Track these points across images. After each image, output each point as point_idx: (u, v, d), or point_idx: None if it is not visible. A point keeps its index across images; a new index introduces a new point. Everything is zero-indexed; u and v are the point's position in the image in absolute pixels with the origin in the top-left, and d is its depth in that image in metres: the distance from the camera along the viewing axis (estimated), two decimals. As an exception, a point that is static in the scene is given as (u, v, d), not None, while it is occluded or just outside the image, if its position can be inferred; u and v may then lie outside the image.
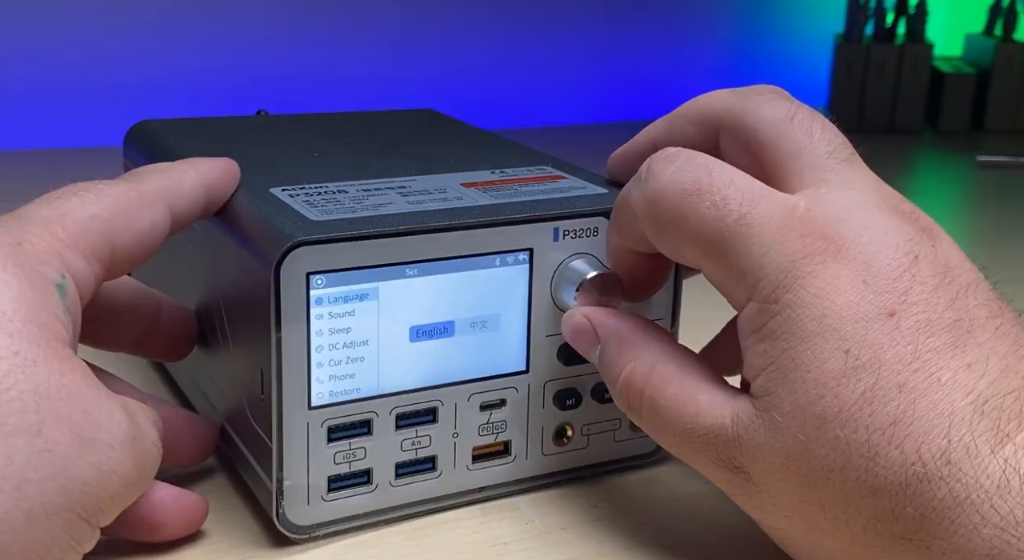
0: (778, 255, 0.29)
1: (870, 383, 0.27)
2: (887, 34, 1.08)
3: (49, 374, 0.26)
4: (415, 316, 0.35)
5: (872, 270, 0.28)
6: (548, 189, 0.38)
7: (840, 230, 0.29)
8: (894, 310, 0.28)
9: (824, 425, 0.28)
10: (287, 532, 0.34)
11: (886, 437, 0.27)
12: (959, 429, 0.27)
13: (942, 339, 0.28)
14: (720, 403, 0.31)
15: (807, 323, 0.28)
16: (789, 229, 0.29)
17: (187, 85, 0.93)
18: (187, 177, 0.35)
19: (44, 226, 0.30)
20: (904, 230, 0.29)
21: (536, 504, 0.38)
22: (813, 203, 0.30)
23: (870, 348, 0.28)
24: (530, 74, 1.07)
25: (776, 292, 0.29)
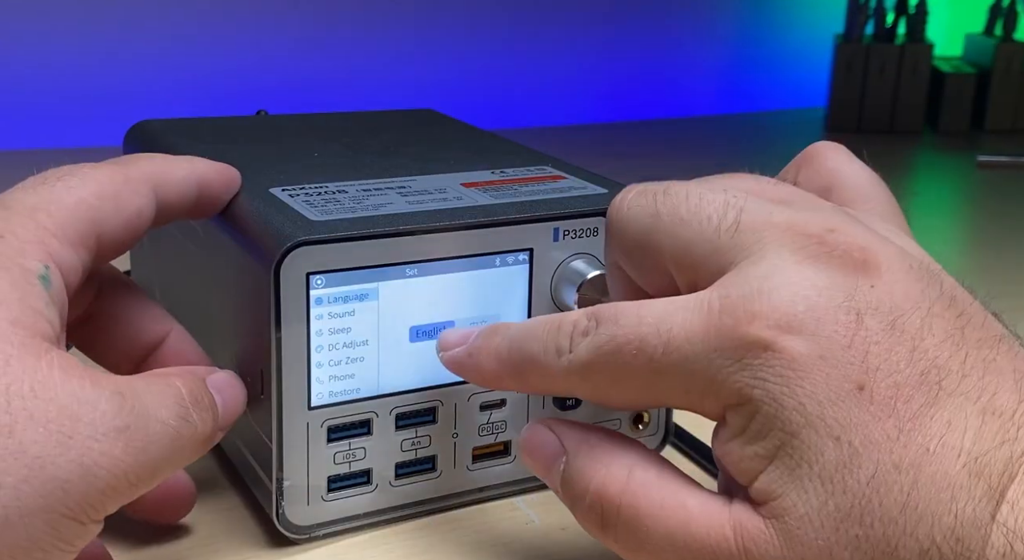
0: (722, 361, 0.26)
1: (871, 470, 0.25)
2: (887, 34, 1.08)
3: (23, 373, 0.25)
4: (415, 316, 0.35)
5: (821, 342, 0.26)
6: (548, 189, 0.38)
7: (769, 307, 0.26)
8: (861, 383, 0.26)
9: (842, 525, 0.26)
10: (287, 532, 0.34)
11: (899, 526, 0.25)
12: (961, 501, 0.25)
13: (917, 401, 0.26)
14: (715, 510, 0.27)
15: (790, 416, 0.26)
16: (716, 330, 0.27)
17: (187, 85, 0.93)
18: (178, 168, 0.34)
19: (28, 215, 0.29)
20: (833, 282, 0.27)
21: (536, 504, 0.38)
22: (726, 289, 0.27)
23: (857, 430, 0.26)
24: (530, 74, 1.07)
25: (740, 395, 0.26)
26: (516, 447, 0.38)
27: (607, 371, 0.28)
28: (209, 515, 0.36)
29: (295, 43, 0.97)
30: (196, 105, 0.92)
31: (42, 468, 0.25)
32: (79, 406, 0.26)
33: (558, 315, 0.30)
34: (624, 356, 0.28)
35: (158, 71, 0.92)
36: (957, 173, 0.96)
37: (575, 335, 0.29)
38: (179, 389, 0.29)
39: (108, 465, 0.26)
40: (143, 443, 0.27)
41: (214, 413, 0.31)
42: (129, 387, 0.27)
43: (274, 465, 0.34)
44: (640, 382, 0.28)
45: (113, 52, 0.90)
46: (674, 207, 0.29)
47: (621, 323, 0.28)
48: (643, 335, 0.27)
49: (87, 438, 0.26)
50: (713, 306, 0.27)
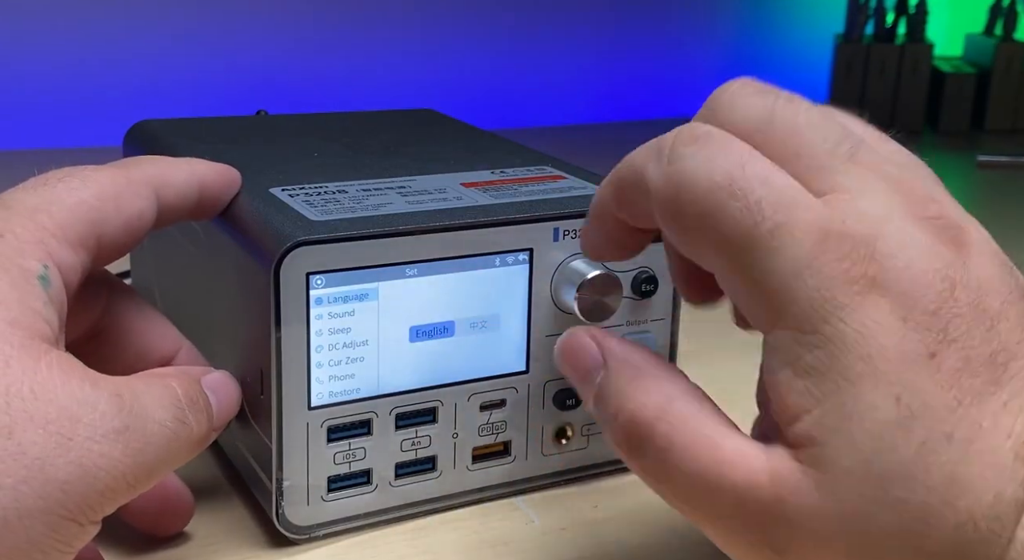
0: (812, 280, 0.25)
1: (923, 435, 0.25)
2: (887, 34, 1.08)
3: (22, 374, 0.25)
4: (415, 316, 0.35)
5: (909, 302, 0.25)
6: (548, 189, 0.38)
7: (874, 251, 0.26)
8: (935, 351, 0.25)
9: (886, 484, 0.25)
10: (287, 532, 0.34)
11: (940, 496, 0.25)
12: (1003, 481, 0.25)
13: (981, 378, 0.25)
14: (750, 454, 0.26)
15: (854, 363, 0.25)
16: (825, 248, 0.26)
17: (187, 85, 0.93)
18: (179, 170, 0.34)
19: (29, 215, 0.29)
20: (937, 250, 0.26)
21: (536, 504, 0.38)
22: (847, 212, 0.26)
23: (918, 395, 0.25)
24: (530, 74, 1.07)
25: (812, 322, 0.25)
26: (517, 446, 0.38)
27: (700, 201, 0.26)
28: (209, 515, 0.36)
29: (295, 43, 0.97)
30: (196, 105, 0.92)
31: (41, 469, 0.25)
32: (78, 407, 0.26)
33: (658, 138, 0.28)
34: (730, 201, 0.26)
35: (158, 71, 0.92)
36: (957, 173, 0.96)
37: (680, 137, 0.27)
38: (175, 390, 0.29)
39: (107, 466, 0.26)
40: (141, 444, 0.27)
41: (209, 414, 0.31)
42: (127, 388, 0.27)
43: (274, 465, 0.34)
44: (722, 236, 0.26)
45: (113, 52, 0.90)
46: (793, 115, 0.28)
47: (747, 168, 0.26)
48: (761, 197, 0.26)
49: (86, 439, 0.25)
50: (835, 225, 0.26)
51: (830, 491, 0.25)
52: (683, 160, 0.27)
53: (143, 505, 0.33)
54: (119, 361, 0.34)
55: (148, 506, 0.33)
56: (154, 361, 0.35)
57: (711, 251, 0.27)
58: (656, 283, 0.38)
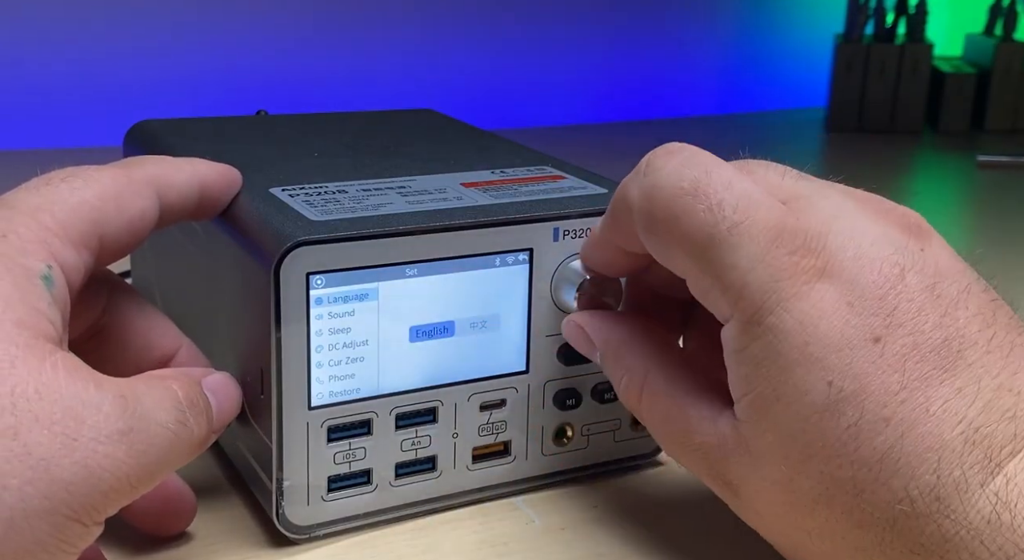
0: (764, 272, 0.28)
1: (854, 417, 0.26)
2: (887, 34, 1.08)
3: (28, 374, 0.25)
4: (415, 316, 0.35)
5: (857, 289, 0.27)
6: (548, 189, 0.38)
7: (826, 242, 0.28)
8: (879, 335, 0.27)
9: (807, 460, 0.27)
10: (287, 532, 0.34)
11: (872, 474, 0.26)
12: (948, 463, 0.26)
13: (931, 363, 0.27)
14: (707, 421, 0.31)
15: (789, 351, 0.27)
16: (778, 244, 0.28)
17: (187, 85, 0.93)
18: (181, 170, 0.34)
19: (31, 215, 0.29)
20: (890, 237, 0.28)
21: (536, 504, 0.38)
22: (800, 213, 0.29)
23: (854, 378, 0.27)
24: (530, 74, 1.07)
25: (759, 313, 0.28)
26: (517, 446, 0.38)
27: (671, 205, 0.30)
28: (209, 515, 0.36)
29: (295, 43, 0.97)
30: (196, 105, 0.92)
31: (47, 470, 0.25)
32: (83, 408, 0.26)
33: None
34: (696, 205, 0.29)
35: (158, 71, 0.92)
36: (957, 173, 0.96)
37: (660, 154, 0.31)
38: (176, 393, 0.29)
39: (111, 467, 0.26)
40: (144, 446, 0.27)
41: (209, 416, 0.31)
42: (131, 390, 0.28)
43: (274, 465, 0.34)
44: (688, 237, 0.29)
45: (113, 52, 0.90)
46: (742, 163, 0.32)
47: (712, 175, 0.29)
48: (722, 200, 0.29)
49: (91, 440, 0.26)
50: (789, 222, 0.28)
51: (757, 459, 0.29)
52: (656, 172, 0.30)
53: (145, 506, 0.33)
54: (119, 360, 0.34)
55: (150, 507, 0.33)
56: (154, 359, 0.35)
57: (679, 251, 0.30)
58: None
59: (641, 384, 0.33)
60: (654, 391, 0.32)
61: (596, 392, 0.38)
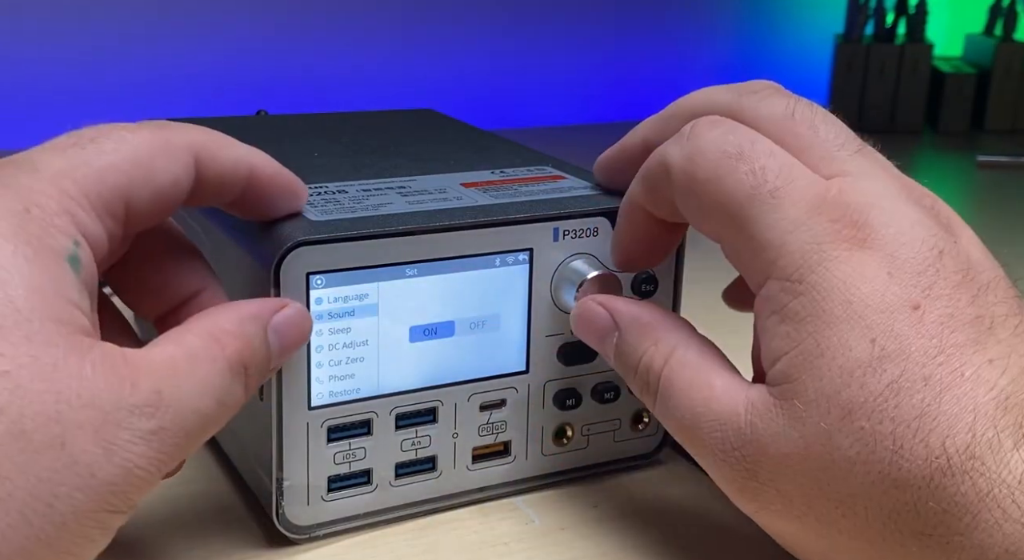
0: (805, 234, 0.29)
1: (896, 374, 0.27)
2: (887, 34, 1.08)
3: (69, 378, 0.25)
4: (415, 316, 0.35)
5: (897, 262, 0.28)
6: (548, 189, 0.38)
7: (868, 218, 0.29)
8: (919, 303, 0.28)
9: (849, 415, 0.27)
10: (287, 532, 0.34)
11: (911, 430, 0.27)
12: (983, 424, 0.26)
13: (965, 335, 0.28)
14: (735, 390, 0.30)
15: (834, 308, 0.28)
16: (820, 211, 0.29)
17: (187, 85, 0.93)
18: (230, 148, 0.31)
19: (53, 181, 0.27)
20: (928, 224, 0.29)
21: (536, 504, 0.38)
22: (844, 188, 0.30)
23: (896, 339, 0.27)
24: (530, 74, 1.07)
25: (800, 271, 0.28)
26: (517, 446, 0.38)
27: (714, 168, 0.30)
28: (209, 515, 0.36)
29: (295, 43, 0.97)
30: (196, 105, 0.92)
31: (92, 476, 0.25)
32: (119, 412, 0.26)
33: None
34: (739, 168, 0.30)
35: (158, 71, 0.92)
36: (957, 173, 0.96)
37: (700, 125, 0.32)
38: (225, 362, 0.29)
39: (146, 465, 0.26)
40: (177, 439, 0.27)
41: (263, 368, 0.30)
42: (169, 381, 0.27)
43: (274, 465, 0.34)
44: (729, 199, 0.30)
45: (112, 52, 0.90)
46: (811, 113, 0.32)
47: (756, 143, 0.30)
48: (766, 165, 0.30)
49: (127, 442, 0.26)
50: (831, 193, 0.29)
51: (795, 419, 0.28)
52: (700, 137, 0.31)
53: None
54: (139, 292, 0.33)
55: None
56: (178, 296, 0.33)
57: (718, 213, 0.30)
58: (656, 283, 0.38)
59: (668, 355, 0.32)
60: (682, 359, 0.32)
61: (596, 392, 0.38)
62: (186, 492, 0.37)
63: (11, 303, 0.25)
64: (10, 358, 0.25)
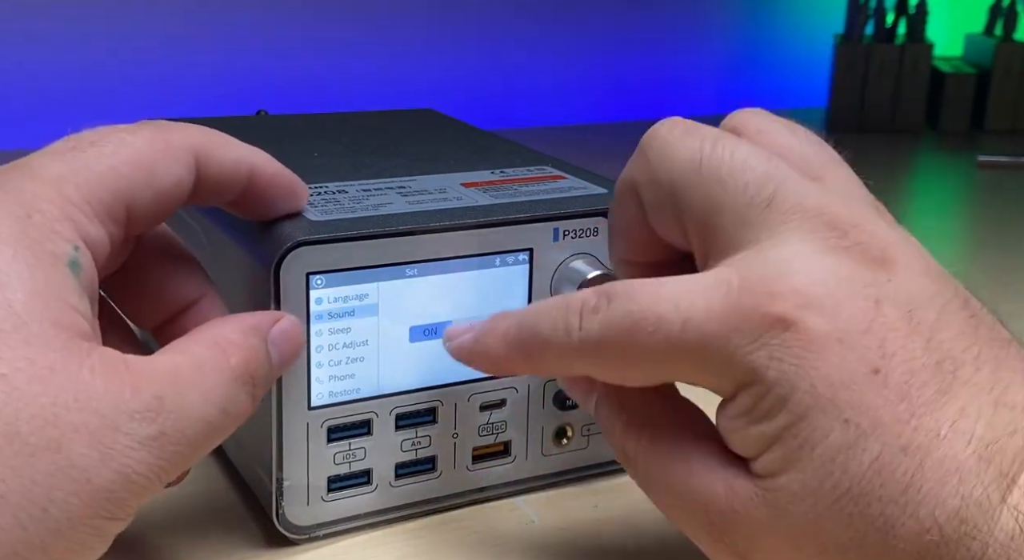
0: (740, 340, 0.27)
1: (876, 452, 0.26)
2: (887, 34, 1.08)
3: (67, 382, 0.25)
4: (415, 316, 0.35)
5: (840, 324, 0.26)
6: (548, 189, 0.38)
7: (790, 288, 0.27)
8: (877, 366, 0.26)
9: (836, 503, 0.26)
10: (287, 532, 0.34)
11: (899, 507, 0.26)
12: (968, 484, 0.25)
13: (931, 387, 0.26)
14: (714, 469, 0.29)
15: (801, 397, 0.26)
16: (736, 309, 0.27)
17: (187, 85, 0.93)
18: (230, 147, 0.31)
19: (55, 186, 0.27)
20: (853, 272, 0.27)
21: (536, 504, 0.38)
22: (747, 269, 0.27)
23: (867, 412, 0.26)
24: (530, 74, 1.07)
25: (756, 374, 0.27)
26: (517, 446, 0.38)
27: (621, 348, 0.28)
28: (209, 515, 0.36)
29: (295, 43, 0.97)
30: (196, 105, 0.92)
31: (88, 481, 0.25)
32: (118, 417, 0.26)
33: (564, 295, 0.30)
34: (641, 333, 0.28)
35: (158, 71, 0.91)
36: (957, 173, 0.96)
37: (585, 313, 0.29)
38: (229, 374, 0.29)
39: (145, 471, 0.26)
40: (178, 446, 0.27)
41: (267, 379, 0.30)
42: (171, 387, 0.27)
43: (274, 465, 0.34)
44: (655, 359, 0.28)
45: (112, 52, 0.90)
46: (718, 163, 0.29)
47: (637, 300, 0.28)
48: (661, 313, 0.27)
49: (126, 447, 0.26)
50: (733, 285, 0.27)
51: (779, 511, 0.27)
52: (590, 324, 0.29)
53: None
54: (139, 300, 0.33)
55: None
56: (176, 305, 0.33)
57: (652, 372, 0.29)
58: None
59: (642, 425, 0.30)
60: (656, 434, 0.30)
61: (596, 392, 0.38)
62: (186, 492, 0.37)
63: (10, 307, 0.25)
64: (7, 361, 0.25)
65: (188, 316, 0.33)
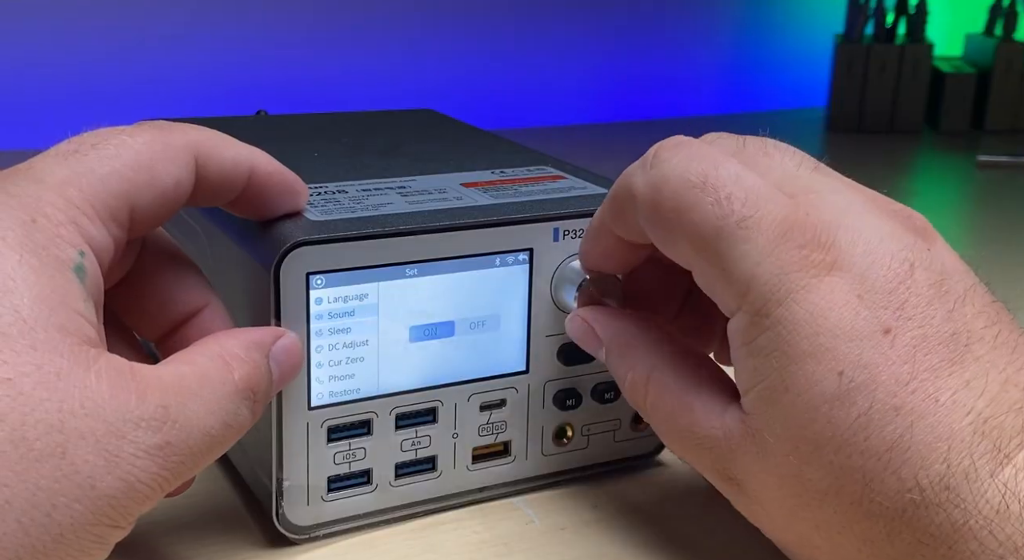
0: (773, 265, 0.28)
1: (865, 407, 0.27)
2: (887, 34, 1.08)
3: (73, 387, 0.25)
4: (415, 316, 0.35)
5: (867, 283, 0.27)
6: (548, 189, 0.38)
7: (836, 238, 0.28)
8: (889, 326, 0.27)
9: (817, 450, 0.27)
10: (287, 532, 0.34)
11: (882, 463, 0.26)
12: (958, 453, 0.26)
13: (939, 355, 0.27)
14: (714, 415, 0.30)
15: (800, 342, 0.27)
16: (788, 238, 0.28)
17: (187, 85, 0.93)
18: (229, 146, 0.31)
19: (58, 191, 0.27)
20: (898, 235, 0.29)
21: (536, 504, 0.38)
22: (810, 208, 0.29)
23: (865, 369, 0.27)
24: (529, 74, 1.07)
25: (768, 305, 0.28)
26: (517, 446, 0.38)
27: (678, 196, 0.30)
28: (208, 515, 0.36)
29: (295, 43, 0.97)
30: (196, 105, 0.92)
31: (92, 487, 0.25)
32: (123, 424, 0.26)
33: None
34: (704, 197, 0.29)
35: (157, 71, 0.92)
36: (957, 173, 0.96)
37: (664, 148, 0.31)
38: (233, 386, 0.29)
39: (148, 480, 0.26)
40: (181, 457, 0.27)
41: (266, 396, 0.30)
42: (176, 397, 0.27)
43: (274, 465, 0.34)
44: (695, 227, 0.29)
45: (112, 52, 0.90)
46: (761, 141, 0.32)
47: (721, 169, 0.30)
48: (731, 193, 0.29)
49: (131, 455, 0.26)
50: (799, 216, 0.29)
51: (764, 450, 0.29)
52: (663, 164, 0.30)
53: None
54: (142, 310, 0.33)
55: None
56: (179, 314, 0.33)
57: (686, 244, 0.30)
58: None
59: (647, 379, 0.32)
60: (660, 386, 0.32)
61: (596, 392, 0.38)
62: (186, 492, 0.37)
63: (16, 312, 0.25)
64: (13, 366, 0.25)
65: (191, 326, 0.33)
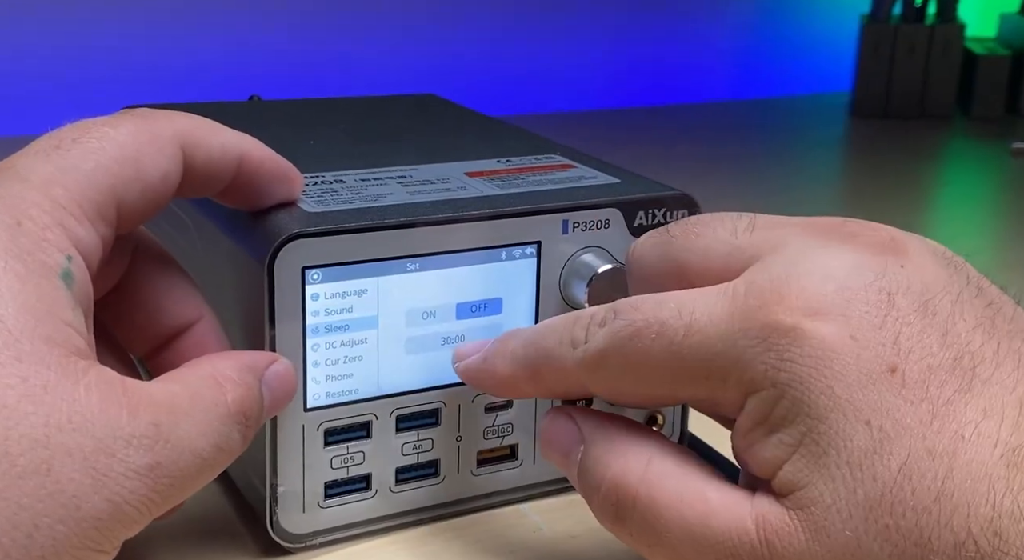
0: (747, 343, 0.27)
1: (903, 456, 0.25)
2: (916, 14, 1.08)
3: (60, 401, 0.25)
4: (416, 313, 0.35)
5: (853, 322, 0.26)
6: (557, 179, 0.38)
7: (798, 288, 0.27)
8: (894, 364, 0.26)
9: (871, 514, 0.25)
10: (281, 541, 0.34)
11: (933, 516, 0.25)
12: (999, 492, 0.25)
13: (951, 386, 0.26)
14: (735, 502, 0.27)
15: (817, 399, 0.26)
16: (742, 312, 0.27)
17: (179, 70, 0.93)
18: (217, 133, 0.31)
19: (43, 190, 0.27)
20: (865, 263, 0.27)
21: (544, 511, 0.38)
22: (752, 276, 0.28)
23: (887, 414, 0.26)
24: (537, 57, 1.07)
25: (767, 378, 0.27)
26: (524, 450, 0.38)
27: (624, 358, 0.29)
28: (200, 523, 0.36)
29: (290, 24, 0.97)
30: (188, 90, 0.92)
31: (77, 508, 0.25)
32: (113, 442, 0.26)
33: (575, 312, 0.31)
34: (643, 340, 0.28)
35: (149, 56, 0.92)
36: (990, 161, 0.96)
37: (591, 326, 0.30)
38: (225, 408, 0.29)
39: (135, 502, 0.26)
40: (171, 479, 0.27)
41: (257, 421, 0.30)
42: (167, 415, 0.27)
43: (268, 470, 0.34)
44: (658, 370, 0.28)
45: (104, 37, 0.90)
46: (685, 226, 0.31)
47: (641, 309, 0.29)
48: (663, 318, 0.28)
49: (119, 475, 0.26)
50: (739, 291, 0.28)
51: (817, 531, 0.26)
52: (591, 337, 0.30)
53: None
54: (133, 322, 0.33)
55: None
56: (171, 327, 0.33)
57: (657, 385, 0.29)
58: None
59: (644, 466, 0.29)
60: (662, 471, 0.29)
61: (608, 393, 0.38)
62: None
63: (1, 323, 0.25)
64: None
65: (183, 340, 0.33)
